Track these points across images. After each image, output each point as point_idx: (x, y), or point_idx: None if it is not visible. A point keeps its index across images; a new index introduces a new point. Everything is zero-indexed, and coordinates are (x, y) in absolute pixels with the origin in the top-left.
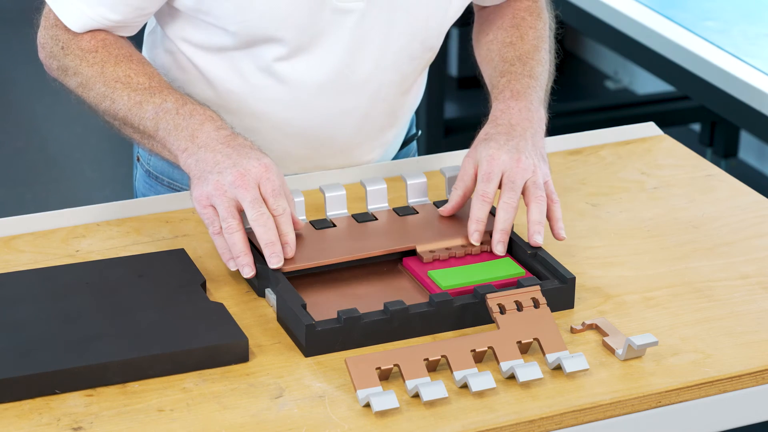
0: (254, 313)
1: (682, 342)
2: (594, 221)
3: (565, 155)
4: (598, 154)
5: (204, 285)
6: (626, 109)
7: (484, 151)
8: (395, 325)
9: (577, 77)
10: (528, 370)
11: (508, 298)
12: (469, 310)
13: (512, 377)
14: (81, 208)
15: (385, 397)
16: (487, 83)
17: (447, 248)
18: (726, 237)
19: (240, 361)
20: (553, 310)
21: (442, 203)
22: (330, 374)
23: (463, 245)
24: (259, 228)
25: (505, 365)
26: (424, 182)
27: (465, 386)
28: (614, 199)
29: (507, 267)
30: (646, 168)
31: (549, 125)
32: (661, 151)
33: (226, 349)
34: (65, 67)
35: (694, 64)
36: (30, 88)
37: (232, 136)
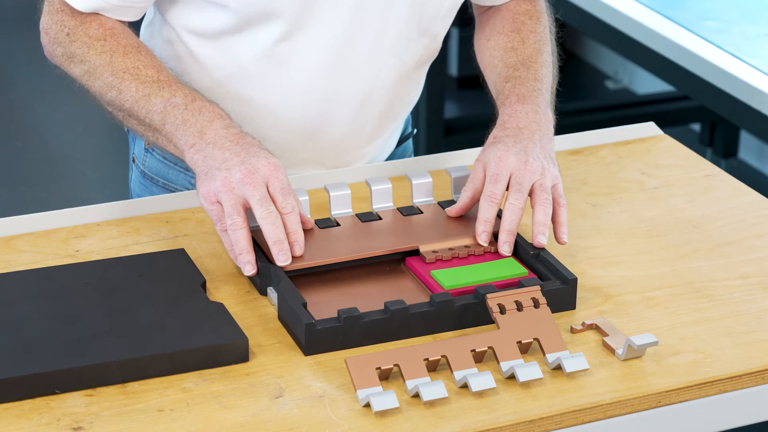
0: (254, 313)
1: (682, 342)
2: (594, 221)
3: (565, 155)
4: (598, 154)
5: (204, 285)
6: (626, 109)
7: (492, 154)
8: (395, 324)
9: (577, 77)
10: (528, 370)
11: (508, 298)
12: (469, 310)
13: (512, 377)
14: (81, 208)
15: (385, 397)
16: (492, 89)
17: (450, 248)
18: (726, 237)
19: (240, 361)
20: (555, 310)
21: (447, 203)
22: (330, 374)
23: (467, 245)
24: (268, 226)
25: (505, 365)
26: (429, 182)
27: (465, 386)
28: (614, 199)
29: (510, 267)
30: (646, 168)
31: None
32: (661, 151)
33: (226, 349)
34: (71, 54)
35: (694, 64)
36: (30, 88)
37: (241, 134)
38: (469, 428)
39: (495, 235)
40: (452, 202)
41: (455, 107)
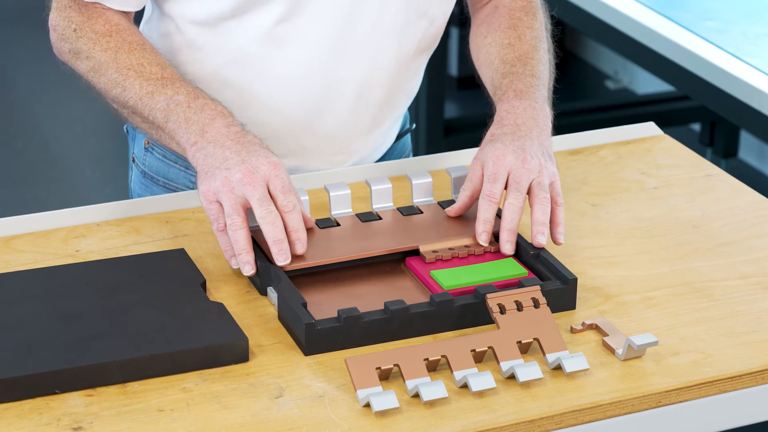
0: (254, 313)
1: (682, 342)
2: (594, 221)
3: (565, 155)
4: (598, 154)
5: (204, 285)
6: (626, 109)
7: (490, 152)
8: (395, 324)
9: (577, 77)
10: (528, 370)
11: (508, 298)
12: (469, 310)
13: (512, 377)
14: (81, 208)
15: (385, 397)
16: (488, 86)
17: (450, 248)
18: (726, 237)
19: (240, 361)
20: (555, 310)
21: (447, 203)
22: (330, 374)
23: (467, 245)
24: (267, 226)
25: (505, 365)
26: (429, 182)
27: (465, 386)
28: (614, 199)
29: (510, 267)
30: (646, 168)
31: (551, 124)
32: (661, 151)
33: (226, 349)
34: (77, 51)
35: (694, 64)
36: (30, 88)
37: (242, 133)
38: (469, 428)
39: (495, 235)
40: (452, 202)
41: (455, 107)
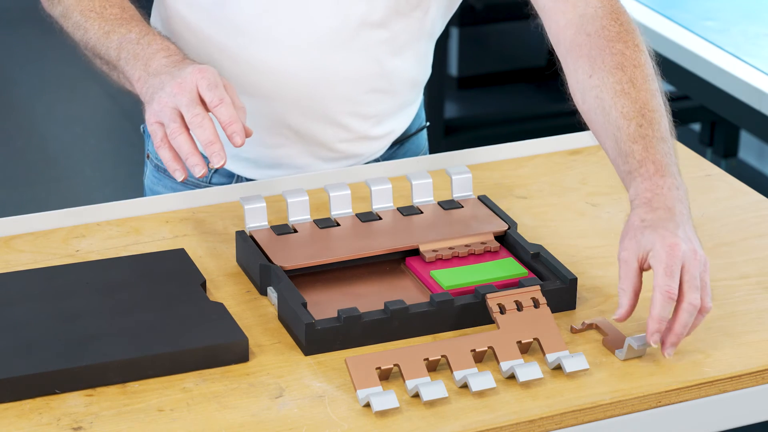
0: (254, 313)
1: (682, 342)
2: (594, 221)
3: (565, 155)
4: (598, 154)
5: (204, 285)
6: None
7: (657, 241)
8: (395, 324)
9: None
10: (528, 369)
11: (508, 298)
12: (469, 310)
13: (512, 377)
14: (81, 208)
15: (385, 397)
16: (611, 144)
17: (450, 248)
18: (726, 237)
19: (240, 360)
20: (555, 310)
21: (447, 203)
22: (330, 374)
23: (467, 245)
24: (196, 129)
25: (505, 365)
26: (429, 182)
27: (465, 386)
28: (614, 199)
29: (509, 267)
30: None
31: (549, 125)
32: None
33: (226, 349)
34: None
35: (694, 64)
36: (30, 88)
37: (181, 60)
38: (469, 428)
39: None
40: (452, 202)
41: (455, 107)
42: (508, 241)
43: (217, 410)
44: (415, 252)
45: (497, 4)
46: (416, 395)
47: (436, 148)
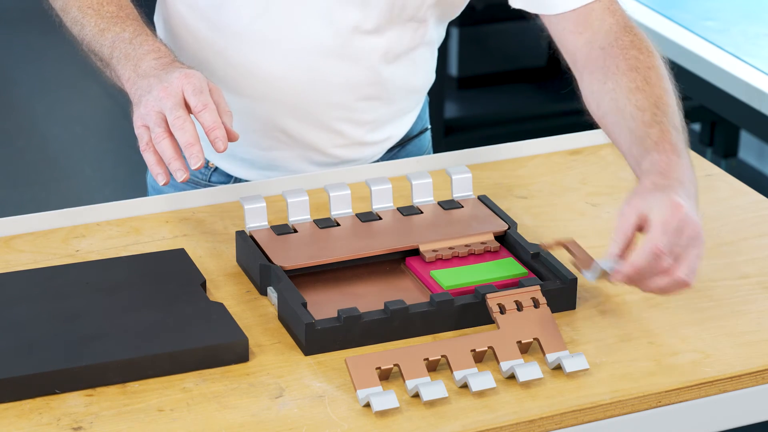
0: (254, 313)
1: (682, 342)
2: (594, 221)
3: (565, 155)
4: (598, 154)
5: (204, 285)
6: None
7: (662, 200)
8: (395, 324)
9: None
10: (528, 369)
11: (508, 297)
12: (469, 310)
13: (512, 377)
14: (81, 208)
15: (385, 397)
16: (626, 134)
17: (450, 248)
18: (726, 237)
19: (240, 360)
20: (555, 310)
21: (447, 203)
22: (330, 374)
23: (467, 245)
24: (177, 132)
25: (505, 365)
26: (429, 182)
27: (465, 386)
28: (614, 199)
29: (509, 267)
30: None
31: (549, 125)
32: None
33: (226, 349)
34: None
35: (694, 64)
36: (30, 88)
37: (170, 63)
38: (469, 428)
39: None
40: (452, 202)
41: (455, 107)
42: (508, 241)
43: (217, 410)
44: (415, 252)
45: (497, 4)
46: (416, 395)
47: (436, 148)
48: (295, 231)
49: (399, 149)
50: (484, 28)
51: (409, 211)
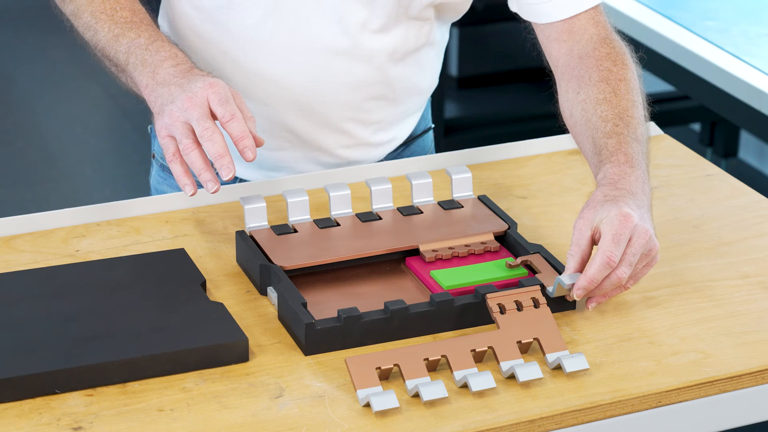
0: (254, 313)
1: (682, 342)
2: None
3: (565, 155)
4: None
5: (204, 285)
6: None
7: (612, 212)
8: (395, 324)
9: None
10: (528, 369)
11: (508, 297)
12: (469, 310)
13: (512, 377)
14: (81, 208)
15: (385, 397)
16: (588, 145)
17: (450, 248)
18: (726, 237)
19: (240, 360)
20: (555, 310)
21: (448, 203)
22: (330, 374)
23: (467, 245)
24: (206, 143)
25: (505, 365)
26: (429, 182)
27: (465, 386)
28: None
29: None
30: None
31: (549, 125)
32: (661, 151)
33: (226, 349)
34: None
35: (694, 64)
36: (30, 88)
37: (188, 69)
38: (469, 428)
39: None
40: (452, 202)
41: (455, 107)
42: (508, 241)
43: (217, 410)
44: (415, 252)
45: (497, 4)
46: (416, 395)
47: (436, 148)
48: (295, 231)
49: (403, 148)
50: (484, 28)
51: (409, 211)
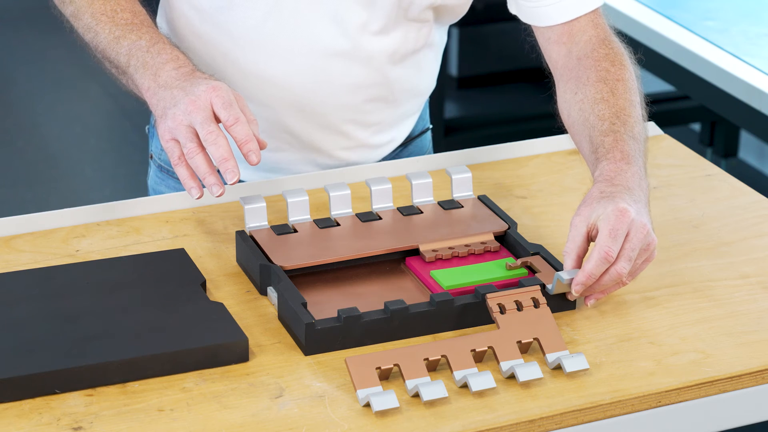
0: (254, 313)
1: (682, 342)
2: None
3: (565, 155)
4: None
5: (204, 285)
6: None
7: (609, 207)
8: (395, 324)
9: None
10: (528, 369)
11: (508, 297)
12: (469, 310)
13: (512, 377)
14: (81, 208)
15: (385, 397)
16: (585, 143)
17: (450, 248)
18: (726, 237)
19: (240, 360)
20: (555, 310)
21: (448, 203)
22: (330, 374)
23: (467, 245)
24: (211, 147)
25: (505, 365)
26: (429, 182)
27: (465, 386)
28: None
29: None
30: (646, 168)
31: (549, 125)
32: (661, 151)
33: (226, 349)
34: None
35: (694, 64)
36: (30, 88)
37: (191, 72)
38: (469, 428)
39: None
40: (452, 202)
41: (455, 107)
42: (508, 241)
43: (217, 410)
44: (415, 252)
45: (497, 4)
46: (416, 395)
47: (436, 148)
48: (295, 231)
49: (401, 149)
50: (484, 28)
51: (409, 211)
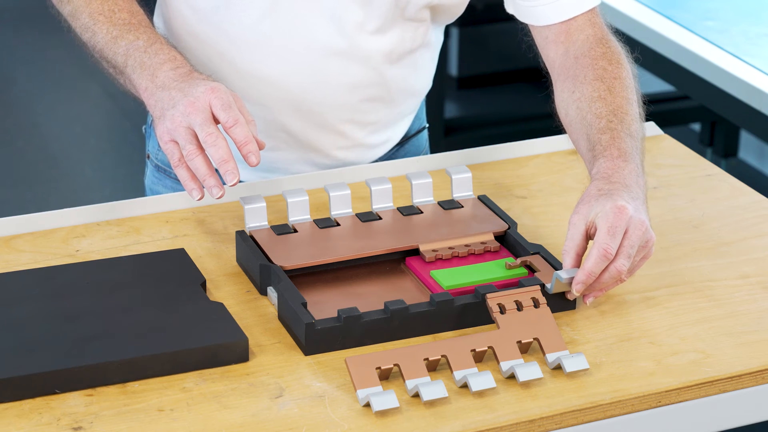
0: (254, 313)
1: (682, 342)
2: None
3: (565, 155)
4: None
5: (204, 285)
6: None
7: (607, 205)
8: (395, 324)
9: None
10: (528, 369)
11: (508, 297)
12: (469, 310)
13: (512, 377)
14: (81, 208)
15: (385, 397)
16: (582, 141)
17: (450, 248)
18: (726, 237)
19: (240, 360)
20: (555, 310)
21: (448, 203)
22: (330, 374)
23: (467, 245)
24: (210, 148)
25: (505, 365)
26: (429, 182)
27: (465, 386)
28: None
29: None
30: (646, 168)
31: (549, 125)
32: (661, 151)
33: (226, 349)
34: None
35: (694, 64)
36: (30, 88)
37: (188, 73)
38: (469, 428)
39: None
40: (452, 202)
41: (455, 107)
42: (508, 241)
43: (217, 410)
44: (415, 252)
45: (497, 4)
46: (416, 395)
47: (436, 148)
48: (295, 231)
49: (398, 148)
50: (483, 28)
51: (409, 211)
